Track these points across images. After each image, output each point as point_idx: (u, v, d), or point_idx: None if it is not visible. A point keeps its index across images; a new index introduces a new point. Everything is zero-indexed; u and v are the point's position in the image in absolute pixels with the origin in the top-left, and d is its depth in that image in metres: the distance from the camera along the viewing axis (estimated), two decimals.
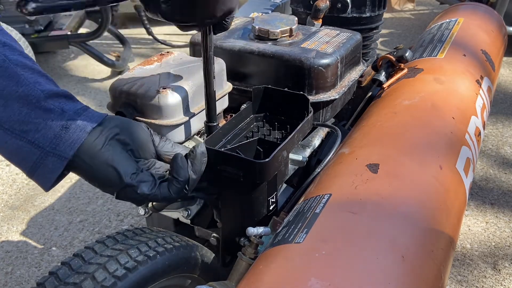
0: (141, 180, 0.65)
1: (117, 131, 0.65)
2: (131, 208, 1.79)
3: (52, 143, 0.60)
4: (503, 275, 1.45)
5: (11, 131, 0.59)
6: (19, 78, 0.59)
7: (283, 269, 0.59)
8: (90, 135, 0.62)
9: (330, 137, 1.06)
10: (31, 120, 0.59)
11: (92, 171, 0.63)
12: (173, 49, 1.33)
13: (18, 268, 1.54)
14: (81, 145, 0.61)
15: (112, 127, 0.65)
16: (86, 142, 0.62)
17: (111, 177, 0.63)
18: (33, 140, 0.59)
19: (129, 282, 0.67)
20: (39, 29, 2.75)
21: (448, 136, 0.87)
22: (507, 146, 2.14)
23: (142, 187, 0.65)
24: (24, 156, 0.60)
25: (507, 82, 2.77)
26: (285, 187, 1.00)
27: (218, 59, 0.95)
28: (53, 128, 0.60)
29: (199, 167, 0.70)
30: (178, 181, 0.67)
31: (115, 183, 0.64)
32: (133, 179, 0.64)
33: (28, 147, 0.59)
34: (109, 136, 0.64)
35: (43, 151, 0.60)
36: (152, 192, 0.66)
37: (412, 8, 4.30)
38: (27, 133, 0.59)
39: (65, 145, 0.61)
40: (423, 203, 0.70)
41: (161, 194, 0.67)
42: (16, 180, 2.00)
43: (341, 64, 1.01)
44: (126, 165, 0.64)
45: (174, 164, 0.68)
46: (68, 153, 0.61)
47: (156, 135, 0.72)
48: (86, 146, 0.62)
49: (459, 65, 1.12)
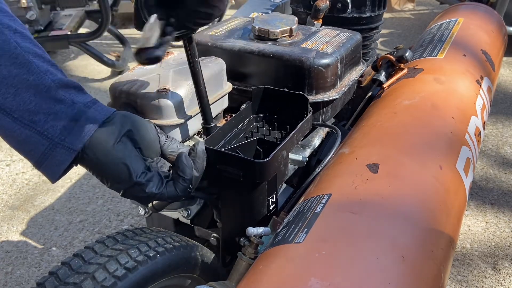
0: (150, 179, 0.64)
1: (129, 127, 0.64)
2: (131, 208, 1.79)
3: (61, 135, 0.59)
4: (503, 275, 1.45)
5: (20, 120, 0.57)
6: (31, 66, 0.57)
7: (283, 269, 0.59)
8: (100, 128, 0.61)
9: (330, 137, 1.06)
10: (41, 110, 0.58)
11: (102, 166, 0.62)
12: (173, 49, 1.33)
13: (18, 268, 1.54)
14: (91, 138, 0.60)
15: (125, 123, 0.64)
16: (97, 135, 0.60)
17: (121, 174, 0.62)
18: (42, 130, 0.58)
19: (129, 282, 0.67)
20: (39, 29, 2.75)
21: (448, 136, 0.87)
22: (507, 146, 2.14)
23: (150, 186, 0.64)
24: (33, 146, 0.59)
25: (507, 82, 2.77)
26: (285, 187, 1.00)
27: (218, 59, 0.95)
28: (63, 119, 0.59)
29: (201, 165, 0.70)
30: (184, 180, 0.67)
31: (124, 180, 0.63)
32: (142, 177, 0.63)
33: (36, 137, 0.58)
34: (121, 132, 0.62)
35: (51, 142, 0.59)
36: (160, 192, 0.65)
37: (412, 8, 4.31)
38: (36, 123, 0.58)
39: (75, 137, 0.59)
40: (423, 203, 0.70)
41: (168, 193, 0.66)
42: (16, 180, 2.00)
43: (341, 64, 1.01)
44: (136, 163, 0.63)
45: (179, 163, 0.68)
46: (77, 145, 0.59)
47: (162, 134, 0.71)
48: (97, 140, 0.60)
49: (459, 65, 1.12)
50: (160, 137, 0.70)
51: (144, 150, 0.67)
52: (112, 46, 3.48)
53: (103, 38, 3.13)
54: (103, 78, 3.00)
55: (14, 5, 2.62)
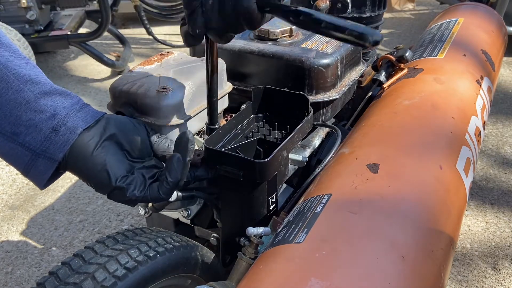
0: (131, 182, 0.65)
1: (113, 131, 0.65)
2: (131, 208, 1.79)
3: (42, 145, 0.60)
4: (503, 275, 1.45)
5: (3, 133, 0.59)
6: (8, 80, 0.58)
7: (283, 269, 0.59)
8: (81, 136, 0.62)
9: (330, 137, 1.06)
10: (21, 122, 0.59)
11: (83, 172, 0.63)
12: (173, 49, 1.33)
13: (18, 268, 1.54)
14: (72, 147, 0.61)
15: (108, 127, 0.64)
16: (78, 144, 0.61)
17: (102, 180, 0.63)
18: (23, 142, 0.60)
19: (129, 282, 0.67)
20: (39, 29, 2.76)
21: (448, 136, 0.87)
22: (507, 146, 2.14)
23: (131, 190, 0.64)
24: (17, 157, 0.60)
25: (507, 82, 2.77)
26: (285, 187, 1.00)
27: (218, 59, 0.95)
28: (44, 130, 0.60)
29: (187, 154, 0.69)
30: (168, 182, 0.67)
31: (105, 185, 0.64)
32: (123, 182, 0.64)
33: (19, 149, 0.60)
34: (103, 137, 0.63)
35: (34, 153, 0.60)
36: (141, 195, 0.65)
37: (412, 8, 4.30)
38: (18, 136, 0.59)
39: (55, 147, 0.60)
40: (423, 203, 0.70)
41: (151, 195, 0.66)
42: (16, 180, 2.00)
43: (341, 64, 1.01)
44: (116, 168, 0.64)
45: (169, 165, 0.68)
46: (57, 155, 0.61)
47: (154, 133, 0.71)
48: (78, 148, 0.61)
49: (459, 65, 1.12)
50: (151, 137, 0.70)
51: (132, 151, 0.67)
52: (112, 46, 3.48)
53: (103, 38, 3.13)
54: (103, 78, 3.00)
55: (14, 5, 2.62)
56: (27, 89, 0.59)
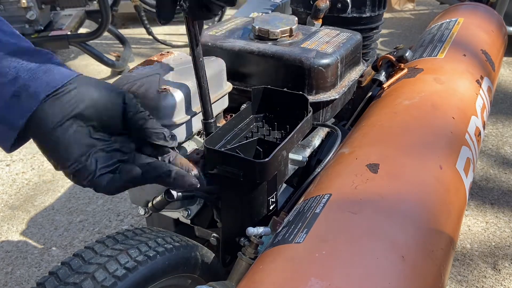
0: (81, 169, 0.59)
1: (78, 104, 0.58)
2: (131, 208, 1.79)
3: (1, 111, 0.56)
4: (503, 275, 1.45)
5: None
6: None
7: (283, 269, 0.59)
8: (43, 105, 0.56)
9: (330, 137, 1.06)
10: None
11: (42, 147, 0.59)
12: (173, 49, 1.32)
13: (18, 268, 1.54)
14: (33, 115, 0.56)
15: (75, 98, 0.58)
16: (39, 113, 0.56)
17: (57, 158, 0.59)
18: None
19: (129, 282, 0.67)
20: (39, 29, 2.75)
21: (448, 136, 0.87)
22: (507, 146, 2.14)
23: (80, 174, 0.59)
24: None
25: (507, 82, 2.77)
26: (285, 187, 1.00)
27: (218, 59, 0.95)
28: (4, 96, 0.55)
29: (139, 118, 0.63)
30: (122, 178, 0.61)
31: (61, 164, 0.59)
32: (78, 162, 0.58)
33: None
34: (66, 112, 0.57)
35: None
36: (88, 185, 0.60)
37: (412, 8, 4.31)
38: None
39: (15, 114, 0.56)
40: (423, 203, 0.70)
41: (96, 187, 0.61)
42: (16, 180, 2.00)
43: (341, 64, 1.01)
44: (77, 147, 0.58)
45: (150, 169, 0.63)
46: (18, 122, 0.56)
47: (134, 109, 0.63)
48: (39, 118, 0.56)
49: (459, 65, 1.12)
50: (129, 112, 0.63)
51: (99, 127, 0.61)
52: (112, 46, 3.48)
53: (103, 38, 3.13)
54: (103, 78, 3.00)
55: (14, 5, 2.62)
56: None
